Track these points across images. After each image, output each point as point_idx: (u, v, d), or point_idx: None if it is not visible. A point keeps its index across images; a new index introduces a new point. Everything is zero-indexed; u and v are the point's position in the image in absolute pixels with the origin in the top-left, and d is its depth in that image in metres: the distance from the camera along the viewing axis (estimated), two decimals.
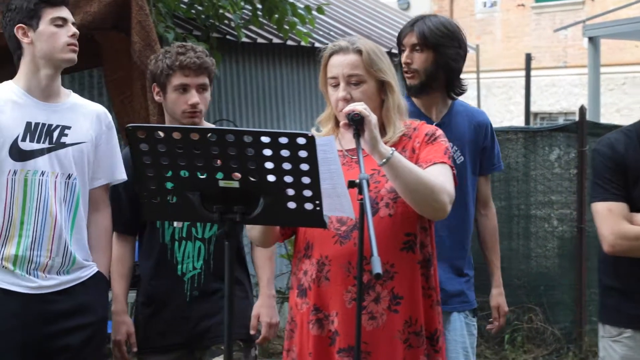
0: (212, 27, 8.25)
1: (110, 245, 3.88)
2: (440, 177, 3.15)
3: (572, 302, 7.90)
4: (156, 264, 3.96)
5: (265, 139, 2.77)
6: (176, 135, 2.81)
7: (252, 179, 2.82)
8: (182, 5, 8.16)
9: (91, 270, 3.71)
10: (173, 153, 2.81)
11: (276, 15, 8.14)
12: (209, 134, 2.79)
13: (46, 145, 3.59)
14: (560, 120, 18.92)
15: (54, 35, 3.58)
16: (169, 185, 2.88)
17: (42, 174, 3.57)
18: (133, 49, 4.68)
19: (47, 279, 3.59)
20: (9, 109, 3.57)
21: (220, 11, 8.24)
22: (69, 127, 3.64)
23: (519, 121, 18.48)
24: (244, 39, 8.45)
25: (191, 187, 2.86)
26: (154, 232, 3.96)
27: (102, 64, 5.30)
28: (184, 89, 3.89)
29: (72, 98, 3.73)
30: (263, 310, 3.97)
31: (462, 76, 4.02)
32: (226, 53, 8.57)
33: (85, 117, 3.71)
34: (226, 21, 8.47)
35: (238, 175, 2.80)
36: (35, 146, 3.57)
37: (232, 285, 2.92)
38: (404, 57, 3.91)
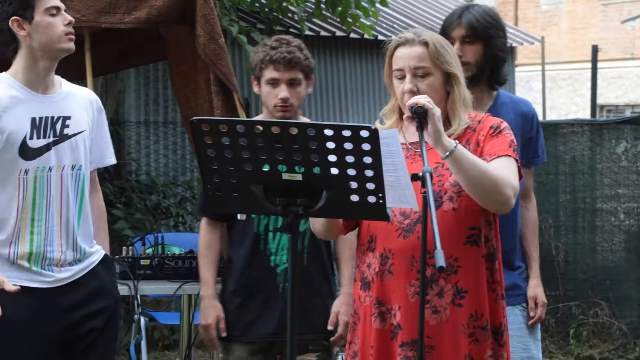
0: (275, 20, 8.27)
1: (107, 227, 3.89)
2: (504, 170, 3.12)
3: (639, 297, 7.79)
4: (249, 253, 4.00)
5: (328, 132, 2.76)
6: (240, 128, 2.82)
7: (315, 172, 2.82)
8: None
9: (99, 255, 3.73)
10: (237, 146, 2.82)
11: (339, 8, 8.12)
12: (272, 127, 2.80)
13: (51, 139, 3.58)
14: (627, 113, 18.63)
15: (50, 26, 3.54)
16: (233, 178, 2.89)
17: (50, 169, 3.57)
18: (197, 43, 4.70)
19: (61, 271, 3.60)
20: (12, 108, 3.54)
21: (284, 4, 8.25)
22: (68, 117, 3.63)
23: (584, 114, 18.23)
24: (307, 32, 8.45)
25: (254, 180, 2.87)
26: (248, 221, 3.99)
27: (167, 58, 5.34)
28: (274, 83, 3.93)
29: (64, 86, 3.70)
30: (343, 308, 3.97)
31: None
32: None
33: (80, 104, 3.70)
34: (289, 14, 8.49)
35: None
36: (42, 142, 3.56)
37: (296, 279, 2.93)
38: (455, 50, 3.86)
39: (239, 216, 4.06)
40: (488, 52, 3.83)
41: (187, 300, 5.44)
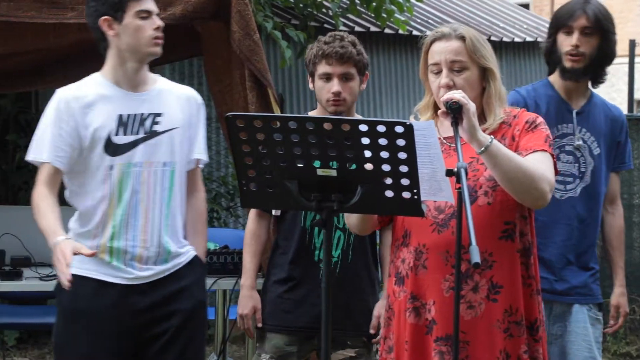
0: (310, 16, 8.27)
1: (206, 228, 3.91)
2: (540, 165, 3.11)
3: None
4: (295, 247, 4.03)
5: (362, 128, 2.77)
6: (274, 123, 2.83)
7: (349, 168, 2.83)
8: None
9: (187, 256, 3.74)
10: (271, 141, 2.83)
11: (374, 4, 8.12)
12: (307, 123, 2.80)
13: (140, 135, 3.61)
14: None
15: (139, 29, 3.58)
16: (268, 173, 2.90)
17: (137, 165, 3.60)
18: (232, 38, 4.72)
19: (142, 269, 3.63)
20: (98, 105, 3.59)
21: (319, 0, 8.25)
22: (160, 114, 3.65)
23: (622, 109, 18.11)
24: (341, 28, 8.45)
25: (289, 176, 2.88)
26: (296, 215, 4.02)
27: (202, 53, 5.36)
28: (327, 77, 3.96)
29: (159, 84, 3.73)
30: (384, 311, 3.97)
31: None
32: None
33: (175, 101, 3.72)
34: (324, 10, 8.49)
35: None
36: (129, 138, 3.60)
37: (330, 274, 2.93)
38: (574, 39, 3.83)
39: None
40: (603, 47, 3.83)
41: (222, 295, 5.47)
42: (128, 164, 3.59)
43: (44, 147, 3.57)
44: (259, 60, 4.70)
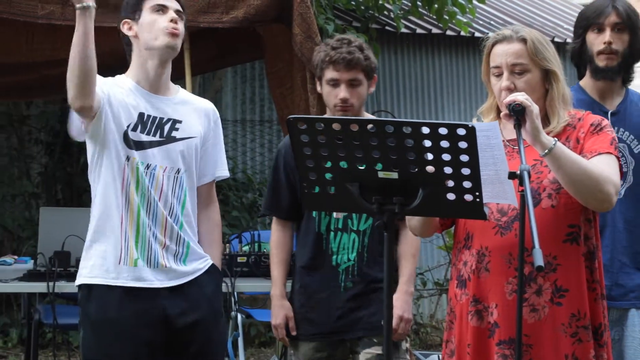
0: (371, 19, 8.27)
1: (221, 239, 3.91)
2: (605, 167, 3.08)
3: None
4: (312, 253, 4.02)
5: (424, 130, 2.76)
6: (336, 126, 2.83)
7: (411, 170, 2.82)
8: None
9: (206, 263, 3.74)
10: (333, 144, 2.84)
11: (436, 5, 8.09)
12: (368, 125, 2.80)
13: (157, 138, 3.62)
14: None
15: (153, 22, 3.59)
16: (329, 176, 2.90)
17: (150, 166, 3.59)
18: (294, 41, 4.73)
19: (166, 269, 3.61)
20: (125, 97, 3.60)
21: (380, 2, 8.25)
22: (180, 122, 3.66)
23: None
24: (403, 30, 8.43)
25: (350, 178, 2.88)
26: (310, 221, 4.02)
27: (264, 56, 5.39)
28: (335, 83, 3.94)
29: (181, 93, 3.75)
30: (398, 303, 3.96)
31: None
32: (385, 44, 8.58)
33: (195, 112, 3.73)
34: (385, 12, 8.49)
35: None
36: (145, 138, 3.60)
37: (391, 276, 2.93)
38: (606, 37, 3.75)
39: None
40: (633, 44, 3.77)
41: None
42: (142, 163, 3.58)
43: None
44: None
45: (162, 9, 3.61)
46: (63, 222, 5.29)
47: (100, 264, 3.57)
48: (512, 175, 2.87)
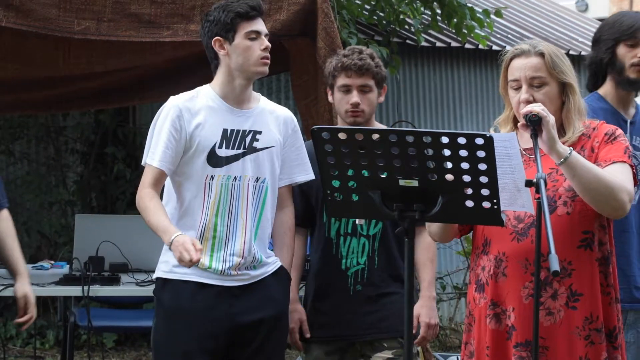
0: (392, 32, 8.27)
1: (293, 242, 3.93)
2: (619, 175, 3.07)
3: None
4: (322, 257, 4.01)
5: (444, 140, 2.76)
6: (358, 136, 2.84)
7: (431, 178, 2.82)
8: (364, 12, 8.22)
9: (274, 266, 3.78)
10: (355, 153, 2.84)
11: (455, 20, 8.08)
12: (389, 135, 2.80)
13: (240, 150, 3.67)
14: None
15: (248, 49, 3.64)
16: (351, 184, 2.91)
17: (236, 178, 3.65)
18: (318, 54, 4.74)
19: (237, 276, 3.67)
20: (206, 117, 3.66)
21: (401, 17, 8.25)
22: (259, 132, 3.71)
23: None
24: (423, 43, 8.43)
25: (372, 186, 2.88)
26: (321, 226, 4.01)
27: (289, 69, 5.40)
28: (346, 89, 3.93)
29: (262, 103, 3.80)
30: (423, 310, 3.94)
31: None
32: (406, 57, 8.58)
33: (274, 121, 3.78)
34: (406, 26, 8.48)
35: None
36: (230, 152, 3.66)
37: (412, 282, 2.93)
38: None
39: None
40: None
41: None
42: (228, 177, 3.65)
43: (156, 152, 3.63)
44: None
45: (256, 35, 3.66)
46: (97, 228, 5.32)
47: (176, 263, 3.60)
48: (528, 183, 2.87)
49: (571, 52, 9.58)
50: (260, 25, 3.69)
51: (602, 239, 3.16)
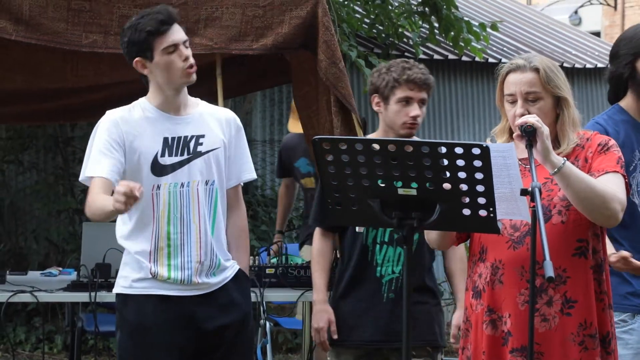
0: (391, 45, 8.28)
1: (248, 243, 3.88)
2: (612, 185, 3.06)
3: None
4: (357, 263, 3.99)
5: (442, 150, 2.76)
6: (358, 146, 2.83)
7: (429, 187, 2.82)
8: (364, 26, 8.23)
9: (233, 270, 3.72)
10: (355, 163, 2.84)
11: (452, 33, 8.09)
12: (389, 145, 2.80)
13: (185, 156, 3.61)
14: None
15: (169, 64, 3.56)
16: (352, 192, 2.90)
17: (183, 185, 3.60)
18: (319, 67, 4.74)
19: (198, 285, 3.62)
20: (145, 128, 3.60)
21: (400, 30, 8.26)
22: (202, 136, 3.65)
23: None
24: (422, 56, 8.43)
25: (372, 195, 2.88)
26: (357, 233, 3.99)
27: (291, 81, 5.40)
28: (407, 101, 3.89)
29: (201, 107, 3.72)
30: (459, 321, 3.92)
31: None
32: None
33: (216, 123, 3.71)
34: (405, 39, 8.49)
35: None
36: (174, 159, 3.59)
37: (410, 289, 2.92)
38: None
39: (357, 229, 4.06)
40: None
41: (309, 306, 5.48)
42: (175, 184, 3.59)
43: (99, 165, 3.55)
44: (344, 87, 4.72)
45: (174, 48, 3.57)
46: (104, 236, 5.30)
47: (136, 277, 3.59)
48: (524, 192, 2.87)
49: (565, 65, 9.59)
50: (175, 35, 3.57)
51: (596, 247, 3.15)
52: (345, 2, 7.81)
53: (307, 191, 5.96)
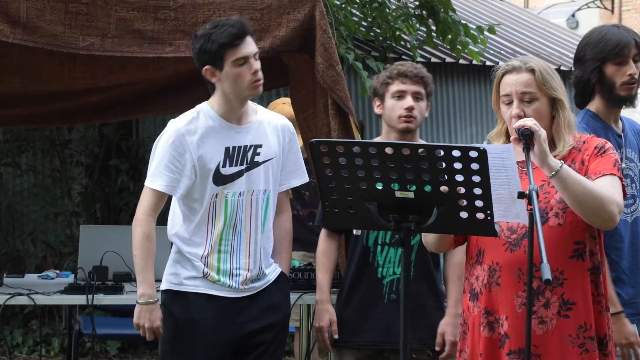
0: (389, 48, 8.28)
1: (291, 247, 3.96)
2: (609, 188, 3.07)
3: None
4: (358, 264, 4.01)
5: (439, 152, 2.76)
6: (355, 149, 2.84)
7: (426, 190, 2.82)
8: (361, 29, 8.23)
9: (275, 273, 3.81)
10: (353, 165, 2.84)
11: (449, 36, 8.10)
12: (386, 148, 2.80)
13: (243, 167, 3.69)
14: None
15: (238, 76, 3.64)
16: (349, 195, 2.90)
17: (240, 194, 3.68)
18: (317, 69, 4.74)
19: (244, 287, 3.71)
20: (209, 138, 3.67)
21: (397, 33, 8.27)
22: (260, 146, 3.73)
23: None
24: (419, 59, 8.44)
25: (369, 197, 2.88)
26: (359, 234, 4.00)
27: (288, 83, 5.40)
28: (400, 95, 3.93)
29: (259, 114, 3.81)
30: (449, 329, 3.93)
31: None
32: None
33: (272, 132, 3.79)
34: (402, 42, 8.49)
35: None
36: (234, 170, 3.68)
37: (409, 291, 2.92)
38: (631, 69, 3.65)
39: (354, 231, 4.07)
40: None
41: (306, 309, 5.48)
42: (234, 193, 3.67)
43: (160, 176, 3.64)
44: (341, 90, 4.71)
45: (244, 61, 3.64)
46: (101, 239, 5.32)
47: (188, 275, 3.68)
48: (521, 195, 2.87)
49: (562, 68, 9.60)
50: (246, 48, 3.66)
51: (593, 249, 3.16)
52: (343, 5, 7.81)
53: None
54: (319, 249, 4.17)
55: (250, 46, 3.68)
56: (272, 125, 3.81)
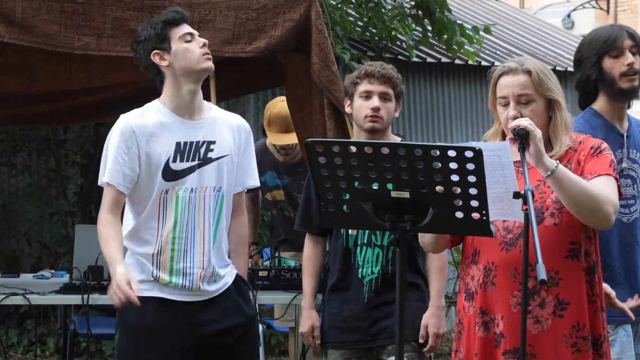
0: (385, 48, 8.29)
1: (248, 250, 3.94)
2: (605, 188, 3.07)
3: None
4: (340, 266, 4.04)
5: (434, 152, 2.76)
6: (351, 149, 2.84)
7: (422, 190, 2.82)
8: (357, 29, 8.24)
9: (232, 275, 3.73)
10: (348, 165, 2.84)
11: (445, 36, 8.11)
12: (382, 148, 2.80)
13: (195, 162, 3.62)
14: None
15: (187, 50, 3.60)
16: (345, 195, 2.90)
17: (192, 190, 3.60)
18: (312, 69, 4.75)
19: (200, 291, 3.63)
20: (159, 132, 3.61)
21: (393, 33, 8.27)
22: (213, 142, 3.66)
23: None
24: (415, 59, 8.45)
25: (365, 198, 2.88)
26: (339, 237, 4.05)
27: (284, 83, 5.40)
28: (367, 95, 3.97)
29: (213, 112, 3.74)
30: (432, 320, 3.96)
31: None
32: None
33: (227, 130, 3.72)
34: (398, 42, 8.50)
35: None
36: (185, 165, 3.61)
37: (403, 289, 2.92)
38: (629, 58, 3.64)
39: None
40: None
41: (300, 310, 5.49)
42: (185, 189, 3.60)
43: (112, 171, 3.58)
44: (337, 90, 4.72)
45: (191, 37, 3.63)
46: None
47: (138, 279, 3.57)
48: (516, 195, 2.87)
49: (558, 68, 9.61)
50: (189, 28, 3.66)
51: (588, 249, 3.16)
52: (339, 5, 7.82)
53: (277, 203, 5.89)
54: (304, 255, 4.20)
55: (192, 28, 3.68)
56: (227, 123, 3.74)
